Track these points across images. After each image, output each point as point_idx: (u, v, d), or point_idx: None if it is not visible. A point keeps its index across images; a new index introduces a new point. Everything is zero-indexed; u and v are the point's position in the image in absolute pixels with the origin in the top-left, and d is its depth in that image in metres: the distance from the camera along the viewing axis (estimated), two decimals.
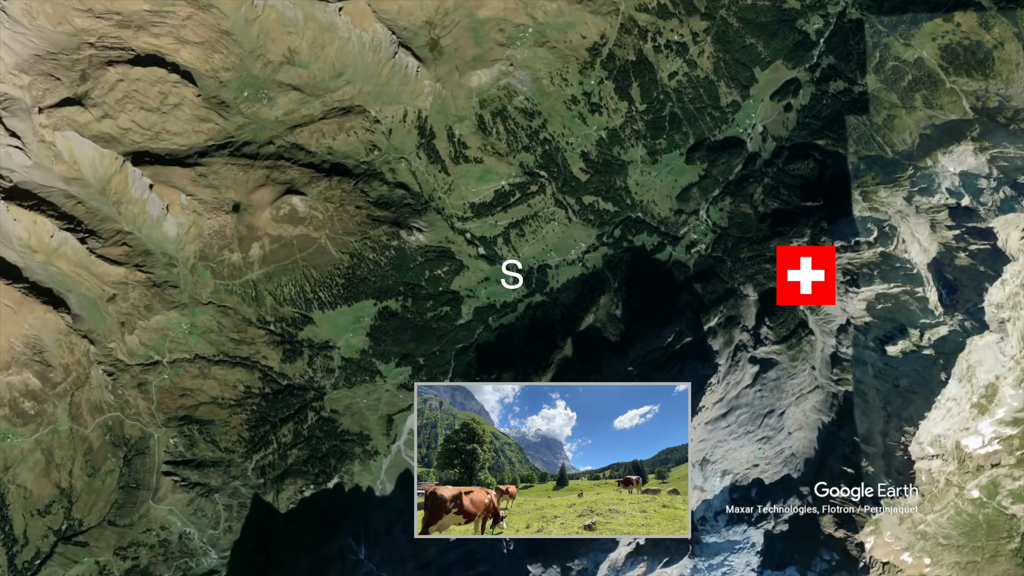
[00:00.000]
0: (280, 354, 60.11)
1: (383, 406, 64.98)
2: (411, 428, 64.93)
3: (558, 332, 66.04)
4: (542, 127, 66.22)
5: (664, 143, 67.99)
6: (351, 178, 60.58)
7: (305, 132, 61.28)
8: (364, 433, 62.21)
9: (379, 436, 64.73)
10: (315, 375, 61.06)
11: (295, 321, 60.73)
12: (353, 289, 60.72)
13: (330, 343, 61.47)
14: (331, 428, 61.33)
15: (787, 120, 69.03)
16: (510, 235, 63.37)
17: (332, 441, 61.05)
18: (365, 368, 61.91)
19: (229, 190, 58.72)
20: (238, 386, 59.25)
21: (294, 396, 60.23)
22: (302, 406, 60.55)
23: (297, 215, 60.13)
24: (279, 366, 60.12)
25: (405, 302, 61.69)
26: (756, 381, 65.30)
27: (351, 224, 60.55)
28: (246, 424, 58.94)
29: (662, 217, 68.28)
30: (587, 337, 65.65)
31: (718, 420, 65.17)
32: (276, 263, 59.80)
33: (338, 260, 60.76)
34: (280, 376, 60.16)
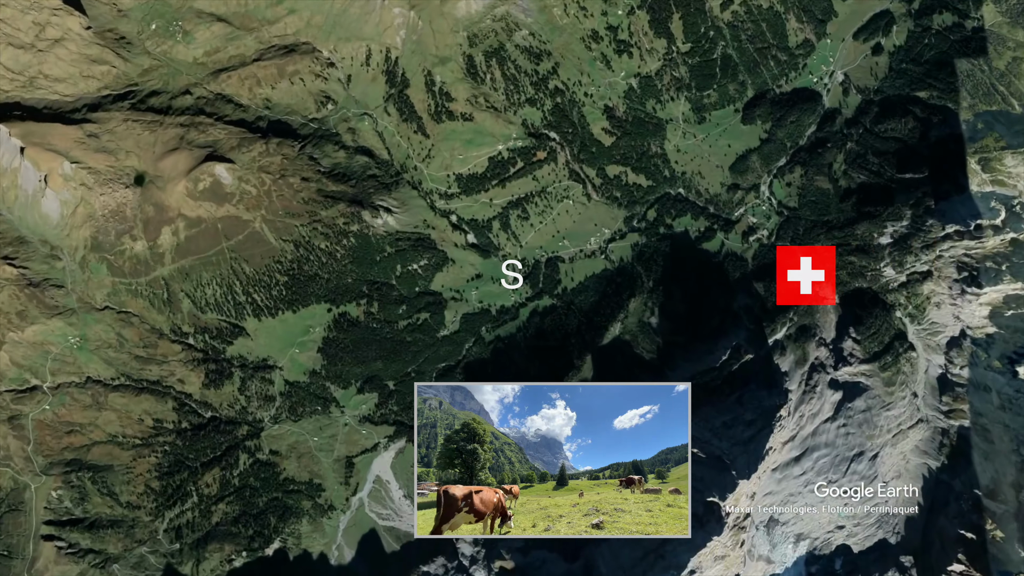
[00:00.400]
0: (202, 377, 49.01)
1: (340, 445, 51.59)
2: (377, 475, 52.12)
3: (573, 347, 52.34)
4: (552, 73, 51.92)
5: (714, 96, 53.71)
6: (295, 140, 49.35)
7: (234, 78, 48.47)
8: (315, 482, 50.81)
9: (335, 486, 50.46)
10: (249, 405, 49.73)
11: (222, 332, 49.48)
12: (299, 290, 49.67)
13: (269, 362, 50.28)
14: (270, 475, 50.08)
15: (876, 66, 54.33)
16: (509, 218, 51.90)
17: (272, 492, 49.88)
18: (316, 395, 50.65)
19: (130, 156, 47.24)
20: (145, 419, 47.99)
21: (221, 433, 49.23)
22: (231, 446, 49.50)
23: (222, 190, 48.52)
24: (200, 393, 48.94)
25: (369, 307, 50.50)
26: (839, 413, 51.84)
27: (295, 202, 49.26)
28: (156, 470, 47.98)
29: (711, 194, 54.19)
30: (612, 354, 51.44)
31: (789, 466, 50.00)
32: (195, 255, 48.25)
33: (278, 251, 49.30)
34: (202, 406, 49.06)
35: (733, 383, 50.04)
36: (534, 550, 49.06)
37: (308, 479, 50.26)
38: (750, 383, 50.27)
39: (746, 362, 50.89)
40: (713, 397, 49.38)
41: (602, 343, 51.68)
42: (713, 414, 48.12)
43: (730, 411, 48.99)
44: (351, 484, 50.62)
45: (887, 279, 52.42)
